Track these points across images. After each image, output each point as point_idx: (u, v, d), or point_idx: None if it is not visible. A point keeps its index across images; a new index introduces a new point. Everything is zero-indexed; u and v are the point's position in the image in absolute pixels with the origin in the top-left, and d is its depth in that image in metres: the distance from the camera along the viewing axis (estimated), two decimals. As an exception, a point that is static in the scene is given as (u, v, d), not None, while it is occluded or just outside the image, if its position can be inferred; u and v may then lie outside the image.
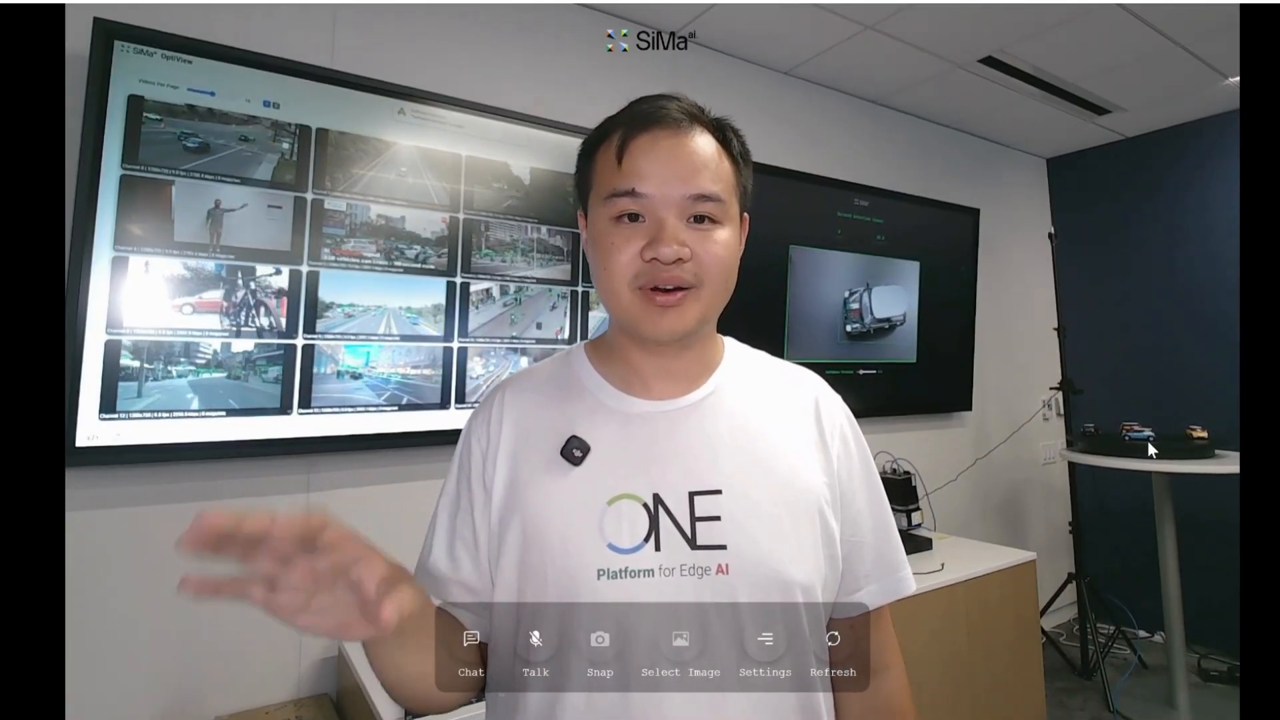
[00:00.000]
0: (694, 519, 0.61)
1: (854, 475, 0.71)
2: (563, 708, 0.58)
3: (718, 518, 0.61)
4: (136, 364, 1.32)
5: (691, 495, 0.62)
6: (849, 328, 2.59)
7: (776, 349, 2.36)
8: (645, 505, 0.61)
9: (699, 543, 0.60)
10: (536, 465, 0.65)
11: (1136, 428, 2.61)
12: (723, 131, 0.67)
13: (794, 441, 0.68)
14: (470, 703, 1.02)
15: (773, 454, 0.66)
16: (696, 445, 0.65)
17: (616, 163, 0.62)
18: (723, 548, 0.60)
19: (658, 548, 0.60)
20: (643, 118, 0.63)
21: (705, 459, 0.64)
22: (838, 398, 0.74)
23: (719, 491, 0.62)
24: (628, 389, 0.68)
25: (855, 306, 2.61)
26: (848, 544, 0.69)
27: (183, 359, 1.37)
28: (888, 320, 2.70)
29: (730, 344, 0.75)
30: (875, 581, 0.71)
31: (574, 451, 0.63)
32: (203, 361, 1.39)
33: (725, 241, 0.64)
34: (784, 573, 0.61)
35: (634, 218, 0.62)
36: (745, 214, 0.70)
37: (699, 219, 0.62)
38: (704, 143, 0.64)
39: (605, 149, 0.65)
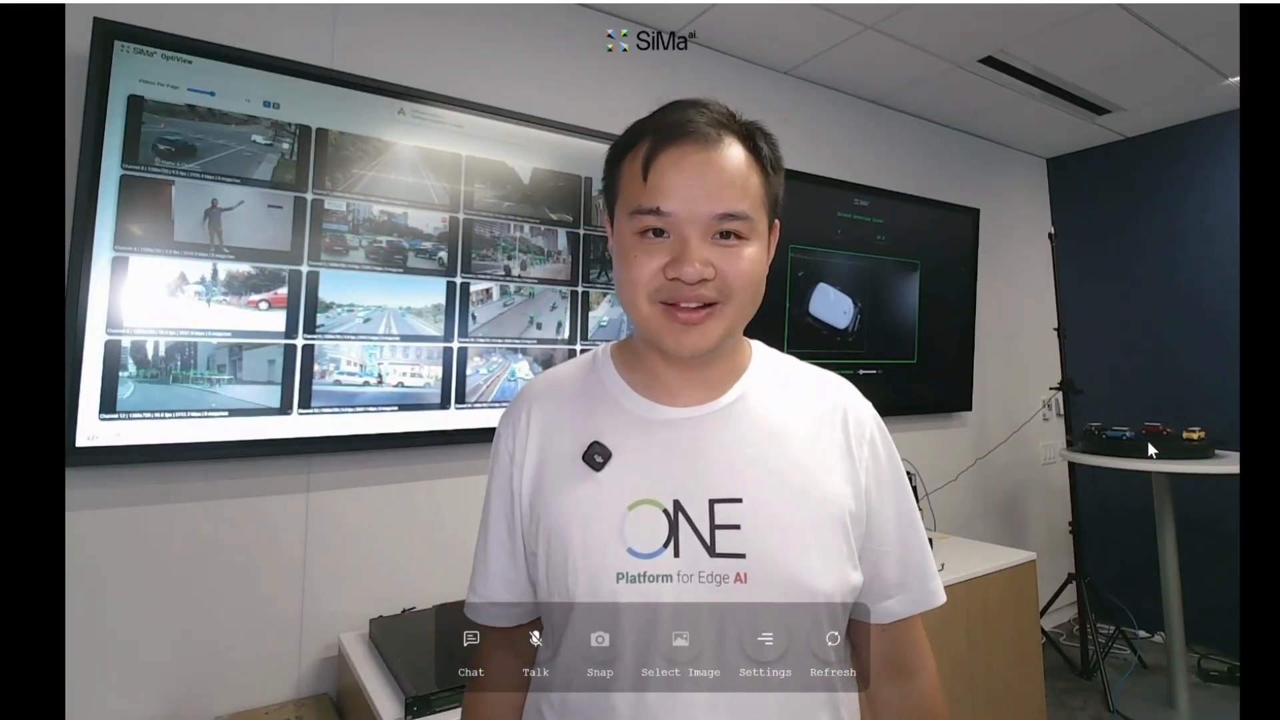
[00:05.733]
0: (714, 526, 0.61)
1: (883, 484, 0.68)
2: (579, 707, 0.60)
3: (737, 526, 0.61)
4: (136, 363, 1.32)
5: (712, 503, 0.61)
6: (788, 306, 2.37)
7: (776, 348, 2.35)
8: (665, 511, 0.61)
9: (718, 550, 0.60)
10: (560, 470, 0.65)
11: (1117, 425, 2.63)
12: (753, 139, 0.65)
13: (819, 449, 0.66)
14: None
15: (796, 461, 0.65)
16: (719, 453, 0.64)
17: (642, 177, 0.61)
18: (741, 556, 0.60)
19: (677, 554, 0.60)
20: (670, 129, 0.61)
21: (727, 467, 0.63)
22: (867, 404, 0.72)
23: (739, 500, 0.61)
24: (652, 396, 0.67)
25: (796, 291, 2.38)
26: (875, 553, 0.68)
27: (183, 358, 1.37)
28: (823, 325, 2.49)
29: (758, 348, 0.73)
30: (904, 591, 0.70)
31: (595, 457, 0.64)
32: (205, 361, 1.39)
33: (752, 258, 0.62)
34: (804, 581, 0.60)
35: (659, 233, 0.61)
36: (777, 220, 0.68)
37: (725, 235, 0.61)
38: (733, 155, 0.62)
39: (632, 159, 0.63)
